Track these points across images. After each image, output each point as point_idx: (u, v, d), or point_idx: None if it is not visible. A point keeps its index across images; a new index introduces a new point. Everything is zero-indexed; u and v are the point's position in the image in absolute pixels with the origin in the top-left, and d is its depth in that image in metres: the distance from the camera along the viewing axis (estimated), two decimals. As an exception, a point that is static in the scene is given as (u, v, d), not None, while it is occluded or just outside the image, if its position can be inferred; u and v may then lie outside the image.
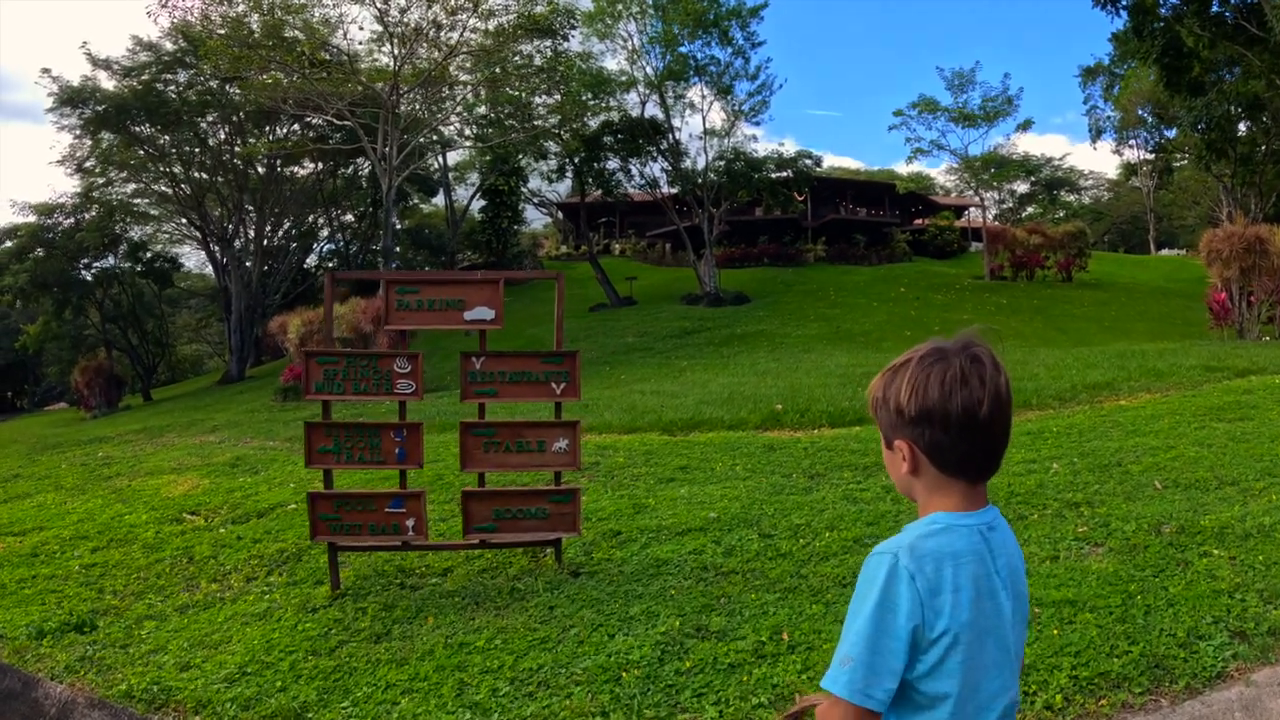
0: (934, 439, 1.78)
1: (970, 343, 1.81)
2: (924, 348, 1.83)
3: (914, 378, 1.79)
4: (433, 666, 5.31)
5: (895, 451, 1.86)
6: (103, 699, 5.52)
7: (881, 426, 1.89)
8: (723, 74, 36.88)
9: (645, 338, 31.02)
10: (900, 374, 1.82)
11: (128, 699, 5.45)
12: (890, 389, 1.84)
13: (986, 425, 1.75)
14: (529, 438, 7.06)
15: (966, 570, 1.76)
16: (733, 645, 5.15)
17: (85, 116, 38.75)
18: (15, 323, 65.93)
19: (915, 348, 1.86)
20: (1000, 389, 1.76)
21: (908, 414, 1.79)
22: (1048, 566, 5.98)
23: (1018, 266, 42.47)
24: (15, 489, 15.53)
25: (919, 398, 1.77)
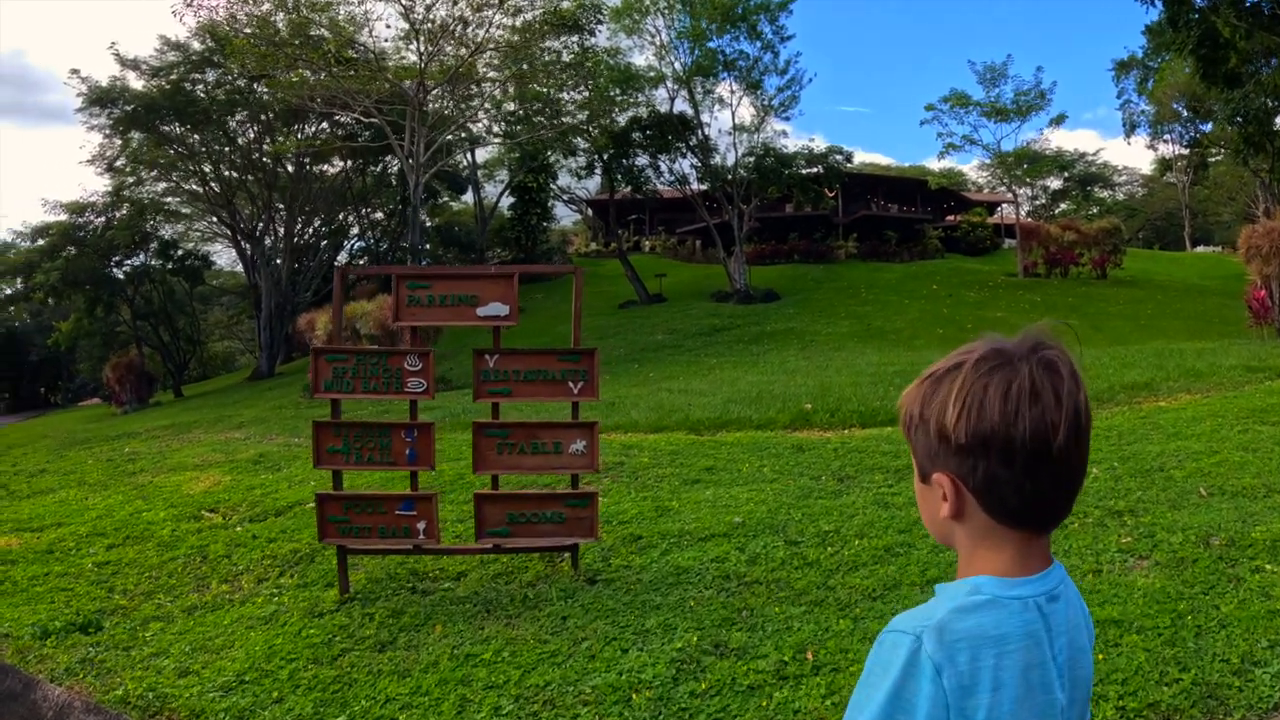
0: (989, 475, 1.32)
1: (1040, 344, 1.36)
2: (979, 348, 1.37)
3: (966, 390, 1.33)
4: (435, 680, 5.05)
5: (933, 487, 1.39)
6: (98, 704, 5.38)
7: (916, 453, 1.42)
8: (751, 69, 36.39)
9: (674, 335, 30.74)
10: (946, 384, 1.36)
11: (123, 705, 5.29)
12: (931, 404, 1.37)
13: (1062, 457, 1.31)
14: (545, 439, 6.79)
15: (1013, 661, 1.33)
16: (753, 664, 4.84)
17: (114, 116, 38.95)
18: (48, 320, 66.66)
19: (966, 347, 1.39)
20: (1080, 409, 1.32)
21: (955, 439, 1.32)
22: (1090, 581, 5.63)
23: (1051, 264, 41.72)
24: (40, 484, 15.52)
25: (972, 418, 1.31)
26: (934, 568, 6.09)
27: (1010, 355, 1.33)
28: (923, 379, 1.40)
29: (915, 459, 1.43)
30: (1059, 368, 1.33)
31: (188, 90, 38.90)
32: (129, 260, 46.87)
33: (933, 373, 1.39)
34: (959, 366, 1.36)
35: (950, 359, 1.38)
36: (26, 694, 5.83)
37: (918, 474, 1.44)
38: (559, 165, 44.88)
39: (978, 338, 1.39)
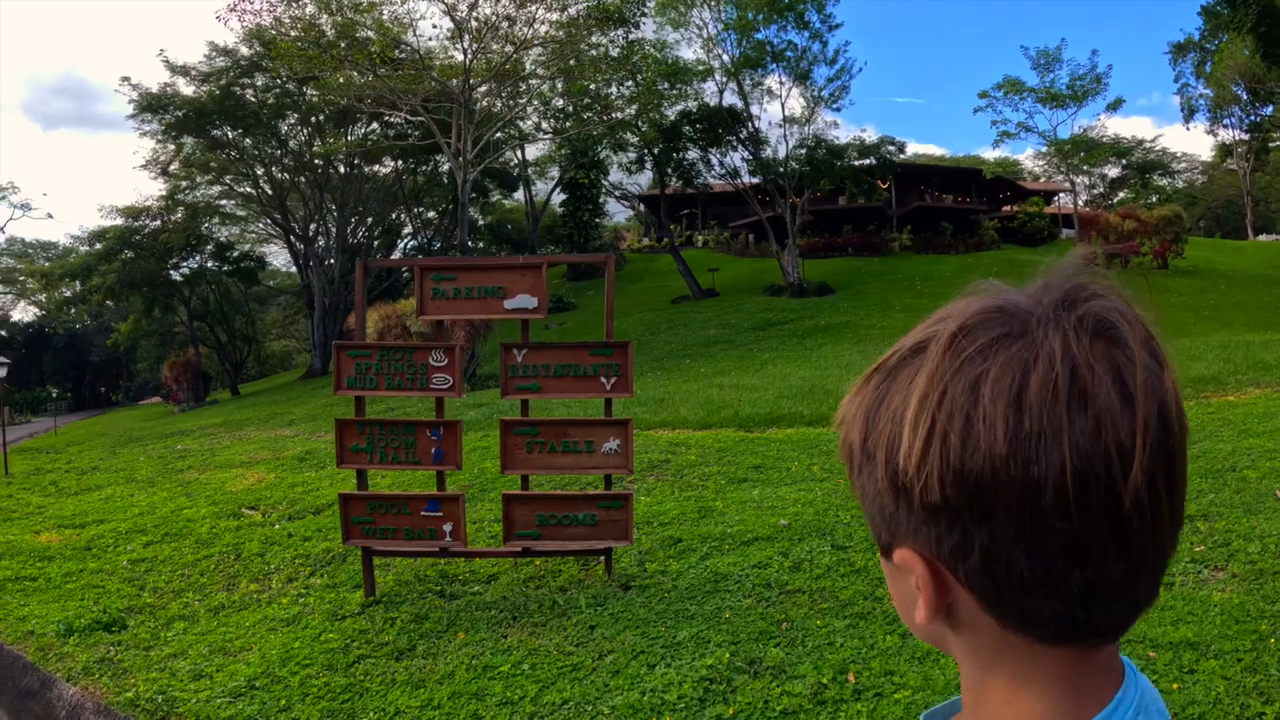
0: (992, 553, 0.69)
1: (1079, 291, 0.71)
2: (962, 310, 0.73)
3: (937, 396, 0.70)
4: (449, 693, 4.78)
5: (897, 570, 0.77)
6: (108, 706, 5.27)
7: (865, 507, 0.79)
8: (800, 59, 35.77)
9: (726, 330, 30.37)
10: (900, 385, 0.74)
11: (132, 707, 5.15)
12: (877, 424, 0.74)
13: (1140, 508, 0.67)
14: (576, 437, 6.47)
15: None
16: (788, 686, 4.46)
17: (166, 122, 39.55)
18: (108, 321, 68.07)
19: (943, 310, 0.75)
20: (1169, 410, 0.69)
21: (922, 492, 0.70)
22: (1162, 595, 5.18)
23: (1111, 254, 40.57)
24: (90, 481, 15.64)
25: (951, 451, 0.68)
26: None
27: (1022, 317, 0.70)
28: (867, 377, 0.78)
29: (866, 516, 0.80)
30: (1121, 334, 0.69)
31: (237, 94, 39.38)
32: (185, 262, 47.58)
33: (881, 364, 0.77)
34: (921, 349, 0.73)
35: (913, 335, 0.75)
36: (43, 692, 5.77)
37: (878, 543, 0.80)
38: (609, 161, 44.58)
39: (965, 290, 0.77)
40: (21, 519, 12.04)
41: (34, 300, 75.84)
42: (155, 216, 43.99)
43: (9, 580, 8.35)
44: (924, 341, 0.74)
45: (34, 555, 9.36)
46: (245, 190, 44.74)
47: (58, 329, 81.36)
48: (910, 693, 4.27)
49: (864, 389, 0.78)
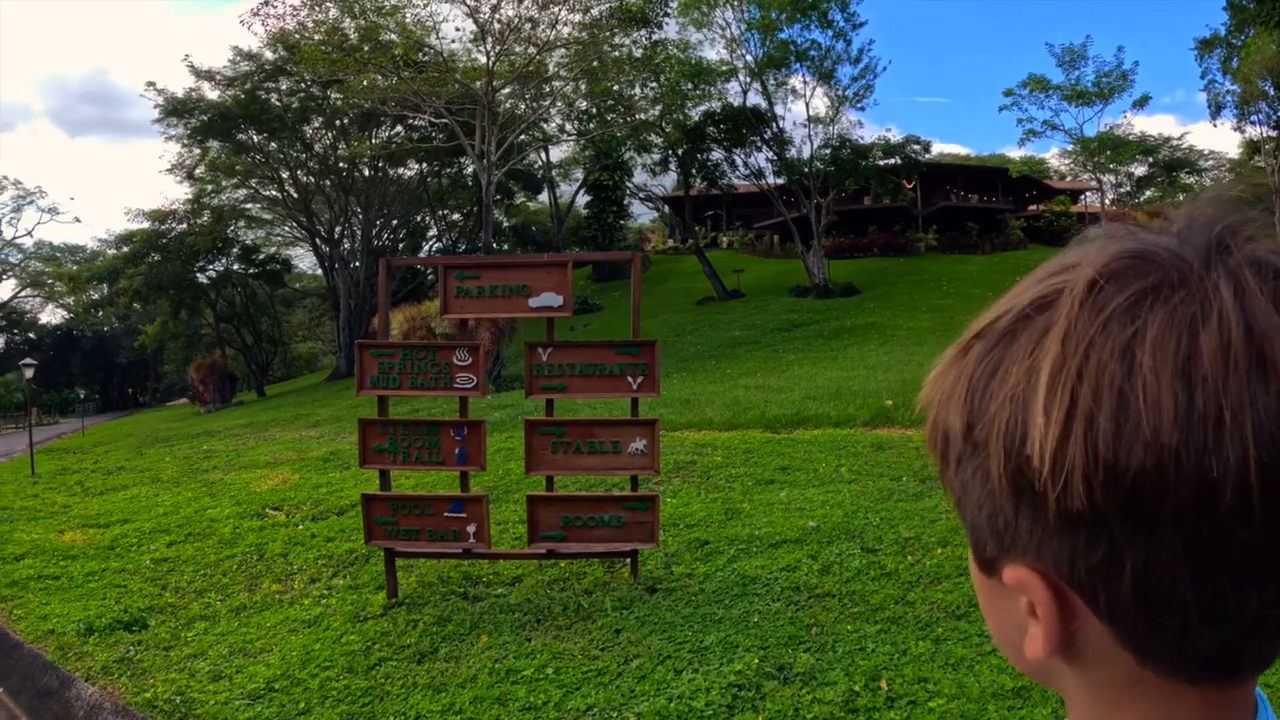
0: (1145, 574, 0.52)
1: (1232, 233, 0.54)
2: (1090, 257, 0.55)
3: (1078, 366, 0.52)
4: (470, 697, 4.67)
5: (1005, 589, 0.60)
6: (126, 706, 5.22)
7: (963, 510, 0.62)
8: (824, 58, 35.58)
9: (752, 331, 30.22)
10: (1020, 354, 0.55)
11: (150, 708, 5.10)
12: (989, 404, 0.56)
13: None
14: (602, 437, 6.36)
15: None
16: (819, 693, 4.32)
17: (191, 126, 39.87)
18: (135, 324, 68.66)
19: (1059, 259, 0.59)
20: None
21: (1061, 495, 0.52)
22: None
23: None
24: (116, 481, 15.71)
25: (1104, 439, 0.50)
26: (1027, 582, 5.50)
27: (1175, 264, 0.53)
28: (964, 345, 0.61)
29: (964, 522, 0.63)
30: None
31: (262, 98, 39.63)
32: (211, 265, 47.97)
33: (988, 328, 0.59)
34: (1046, 304, 0.56)
35: (1023, 291, 0.59)
36: (62, 691, 5.75)
37: (973, 556, 0.64)
38: (634, 162, 44.53)
39: (1077, 237, 0.61)
40: (46, 518, 12.08)
41: (62, 303, 76.61)
42: (181, 220, 44.35)
43: (31, 579, 8.35)
44: (1048, 295, 0.56)
45: (57, 554, 9.37)
46: (271, 193, 45.05)
47: (85, 331, 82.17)
48: (945, 701, 4.14)
49: (961, 360, 0.60)
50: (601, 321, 37.08)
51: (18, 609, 7.43)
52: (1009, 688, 4.17)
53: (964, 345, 0.61)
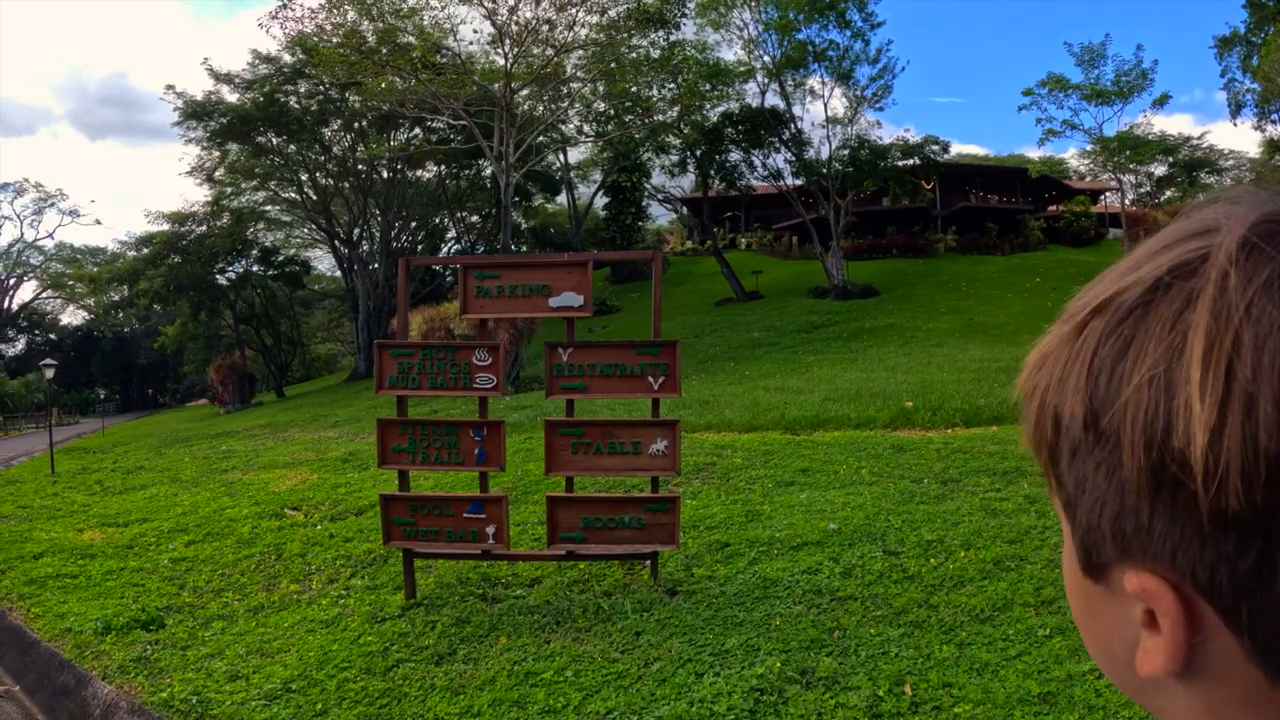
0: None
1: None
2: (1233, 219, 0.48)
3: (1230, 341, 0.44)
4: (489, 700, 4.63)
5: (1117, 597, 0.53)
6: (142, 706, 5.20)
7: (1074, 506, 0.54)
8: (842, 58, 35.33)
9: (771, 332, 30.13)
10: (1160, 325, 0.47)
11: (166, 708, 5.08)
12: (1123, 385, 0.48)
13: None
14: (623, 438, 6.30)
15: None
16: (842, 698, 4.25)
17: (210, 129, 40.04)
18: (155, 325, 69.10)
19: (1188, 219, 0.52)
20: None
21: (1213, 496, 0.44)
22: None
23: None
24: (135, 480, 15.77)
25: (1263, 429, 0.43)
26: (1050, 586, 5.44)
27: None
28: (1078, 323, 0.54)
29: (1068, 518, 0.56)
30: None
31: (281, 101, 39.74)
32: (231, 267, 48.13)
33: (1110, 302, 0.52)
34: (1188, 271, 0.48)
35: (1153, 257, 0.52)
36: (78, 690, 5.75)
37: (1077, 554, 0.56)
38: (652, 163, 44.50)
39: (1186, 203, 0.56)
40: (65, 517, 12.13)
41: (82, 304, 77.23)
42: (201, 222, 44.56)
43: (50, 577, 8.37)
44: (1188, 262, 0.48)
45: (76, 553, 9.40)
46: (290, 195, 45.22)
47: (106, 332, 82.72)
48: (971, 706, 4.07)
49: (1075, 340, 0.52)
50: (620, 323, 37.04)
51: (35, 607, 7.44)
52: (1035, 693, 4.10)
53: (1078, 323, 0.53)
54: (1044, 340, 0.56)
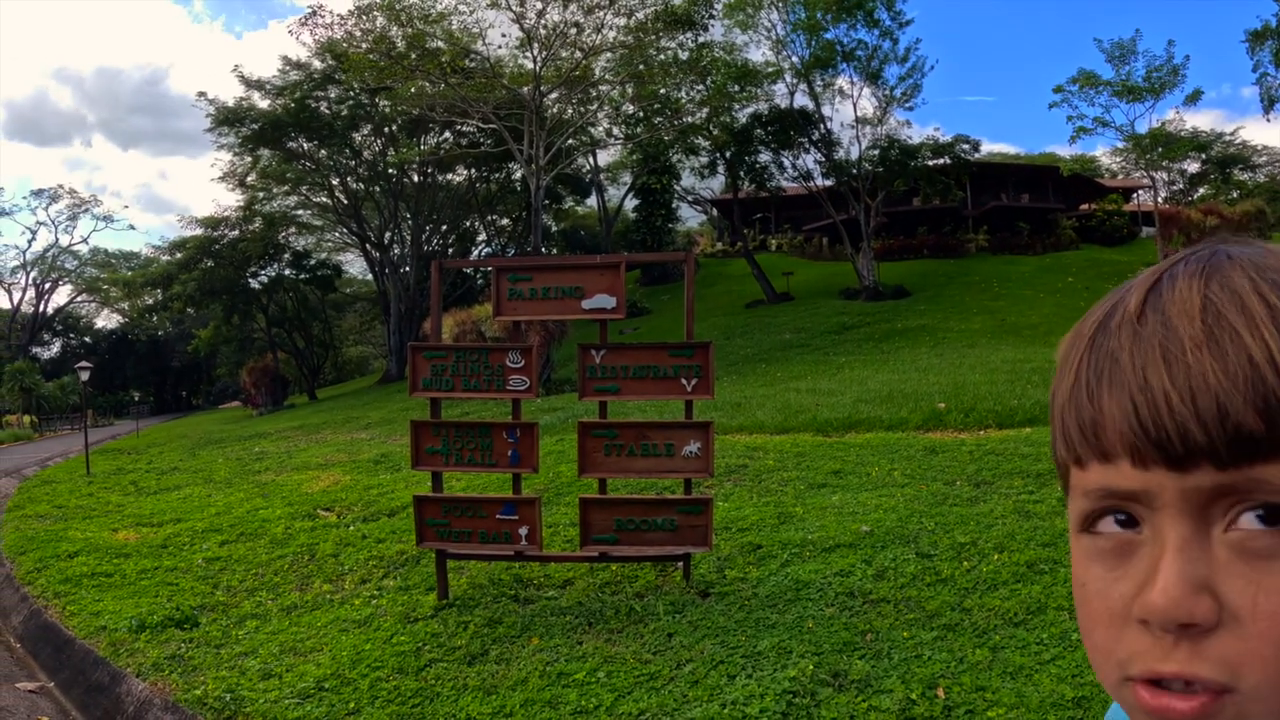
0: None
1: None
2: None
3: None
4: (521, 700, 4.63)
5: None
6: (176, 703, 5.24)
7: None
8: (871, 58, 35.13)
9: (802, 334, 30.03)
10: None
11: (200, 705, 5.11)
12: None
13: None
14: (655, 440, 6.29)
15: None
16: (875, 701, 4.22)
17: (243, 135, 40.47)
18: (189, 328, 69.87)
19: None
20: None
21: None
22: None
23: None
24: (169, 481, 15.92)
25: None
26: (1086, 588, 5.36)
27: None
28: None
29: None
30: None
31: (312, 107, 40.14)
32: (263, 271, 48.65)
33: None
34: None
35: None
36: (112, 687, 5.80)
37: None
38: (681, 165, 44.49)
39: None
40: (101, 517, 12.27)
41: (117, 308, 78.16)
42: (234, 226, 45.07)
43: (85, 576, 8.46)
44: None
45: (111, 552, 9.49)
46: (321, 200, 45.64)
47: (140, 335, 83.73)
48: (1004, 711, 4.03)
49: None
50: (650, 325, 37.07)
51: (71, 605, 7.52)
52: (1069, 697, 4.06)
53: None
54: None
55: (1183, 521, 0.52)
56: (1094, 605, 0.56)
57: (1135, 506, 0.55)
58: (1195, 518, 0.52)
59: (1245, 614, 0.50)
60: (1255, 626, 0.50)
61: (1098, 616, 0.56)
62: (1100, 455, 0.55)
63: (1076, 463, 0.57)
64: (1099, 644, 0.56)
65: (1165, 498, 0.53)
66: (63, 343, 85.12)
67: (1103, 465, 0.55)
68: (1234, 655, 0.50)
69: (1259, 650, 0.50)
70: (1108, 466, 0.55)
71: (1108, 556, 0.56)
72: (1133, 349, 0.54)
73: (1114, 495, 0.55)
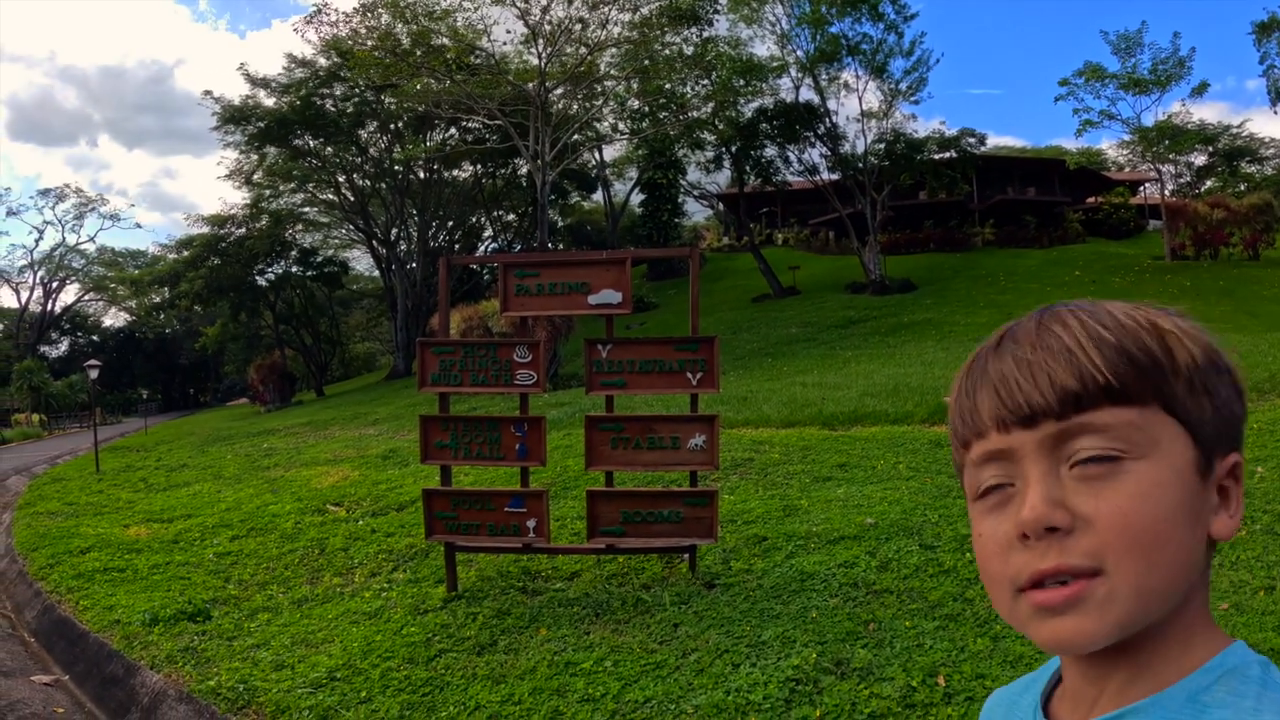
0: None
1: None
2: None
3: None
4: (529, 689, 4.71)
5: (1208, 488, 0.80)
6: (190, 694, 5.31)
7: (1214, 413, 0.81)
8: (876, 52, 35.05)
9: (808, 328, 29.99)
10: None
11: (214, 695, 5.19)
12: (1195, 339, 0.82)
13: None
14: (662, 433, 6.36)
15: None
16: (876, 688, 4.29)
17: (249, 133, 40.54)
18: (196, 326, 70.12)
19: None
20: None
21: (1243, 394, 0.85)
22: (1262, 600, 4.91)
23: (1200, 245, 39.03)
24: (179, 478, 16.00)
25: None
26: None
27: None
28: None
29: (1191, 434, 0.79)
30: None
31: (317, 104, 40.15)
32: (270, 268, 48.80)
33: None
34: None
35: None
36: (127, 679, 5.88)
37: (1196, 462, 0.79)
38: (687, 160, 44.46)
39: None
40: (111, 513, 12.35)
41: (124, 306, 78.41)
42: (240, 224, 45.15)
43: (98, 571, 8.55)
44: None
45: (123, 548, 9.58)
46: (327, 197, 45.69)
47: (147, 333, 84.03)
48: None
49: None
50: (657, 320, 37.04)
51: (84, 600, 7.61)
52: (1070, 685, 4.11)
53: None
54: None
55: (1039, 463, 0.77)
56: (987, 546, 0.81)
57: (1006, 465, 0.80)
58: (1047, 459, 0.77)
59: (1093, 516, 0.74)
60: (1101, 523, 0.74)
61: (991, 552, 0.80)
62: (977, 434, 0.82)
63: (964, 446, 0.85)
64: (994, 575, 0.81)
65: (1025, 449, 0.78)
66: (70, 341, 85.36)
67: (980, 440, 0.82)
68: (1092, 546, 0.74)
69: (1109, 540, 0.73)
70: (984, 440, 0.81)
71: (994, 510, 0.81)
72: (992, 361, 0.83)
73: (990, 456, 0.81)
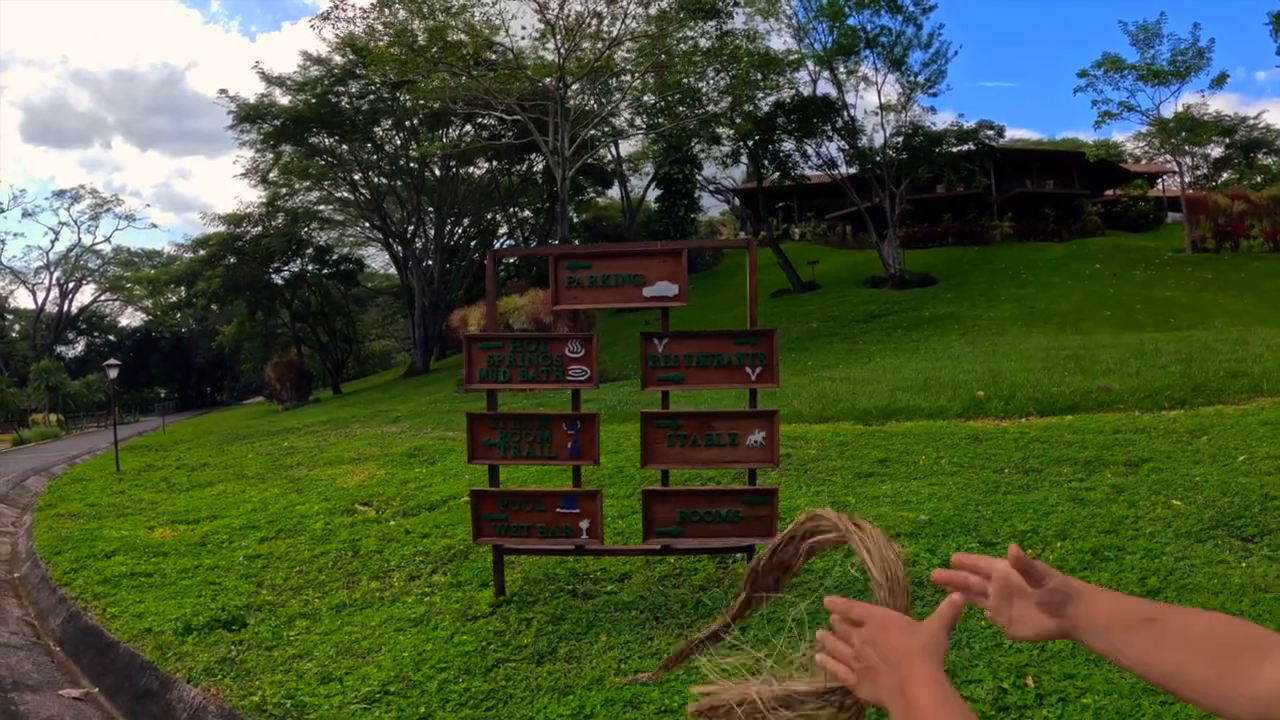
0: None
1: None
2: None
3: None
4: (601, 700, 4.48)
5: None
6: (234, 710, 5.06)
7: None
8: (894, 44, 34.80)
9: (830, 323, 29.79)
10: None
11: (259, 712, 4.95)
12: None
13: None
14: (719, 430, 6.12)
15: None
16: (966, 690, 4.07)
17: (264, 131, 40.49)
18: (212, 325, 70.26)
19: None
20: None
21: None
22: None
23: (1221, 237, 38.62)
24: (200, 477, 15.85)
25: None
26: (1153, 576, 5.28)
27: None
28: None
29: None
30: None
31: (333, 102, 40.05)
32: (286, 266, 48.86)
33: None
34: None
35: None
36: (163, 694, 5.60)
37: None
38: (704, 155, 44.24)
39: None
40: (134, 515, 12.16)
41: (140, 306, 78.55)
42: (256, 223, 45.19)
43: (124, 576, 8.30)
44: None
45: (148, 551, 9.34)
46: (343, 195, 45.67)
47: (164, 333, 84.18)
48: (1098, 697, 3.92)
49: None
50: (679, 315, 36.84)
51: (111, 607, 7.36)
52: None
53: None
54: None
55: None
56: None
57: None
58: None
59: None
60: None
61: None
62: None
63: None
64: None
65: None
66: (87, 341, 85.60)
67: None
68: None
69: None
70: None
71: None
72: None
73: None
